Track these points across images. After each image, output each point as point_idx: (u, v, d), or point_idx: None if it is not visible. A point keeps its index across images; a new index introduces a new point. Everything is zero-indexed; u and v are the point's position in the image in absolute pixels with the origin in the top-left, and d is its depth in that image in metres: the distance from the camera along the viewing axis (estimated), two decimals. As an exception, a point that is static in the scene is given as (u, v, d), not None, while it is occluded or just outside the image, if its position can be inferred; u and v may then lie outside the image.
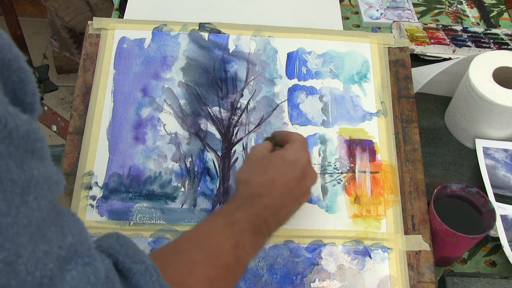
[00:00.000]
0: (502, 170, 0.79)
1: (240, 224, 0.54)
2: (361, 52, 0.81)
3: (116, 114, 0.75)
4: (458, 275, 0.67)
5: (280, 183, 0.58)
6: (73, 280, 0.34)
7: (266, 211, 0.56)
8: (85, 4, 1.84)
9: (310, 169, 0.61)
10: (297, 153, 0.61)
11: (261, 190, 0.58)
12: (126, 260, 0.43)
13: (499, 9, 1.10)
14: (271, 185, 0.58)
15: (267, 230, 0.57)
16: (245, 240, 0.53)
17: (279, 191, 0.58)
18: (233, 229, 0.53)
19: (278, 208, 0.57)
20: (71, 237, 0.36)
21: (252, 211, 0.56)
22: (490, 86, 0.79)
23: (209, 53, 0.80)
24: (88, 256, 0.36)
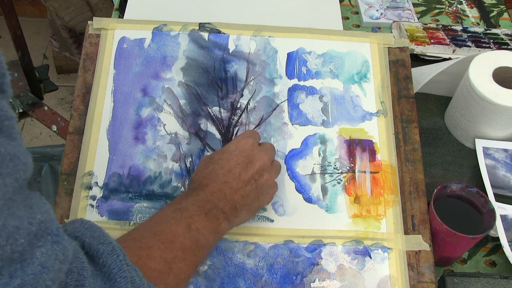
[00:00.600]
0: (502, 170, 0.79)
1: (188, 209, 0.57)
2: (361, 52, 0.81)
3: (116, 114, 0.75)
4: (458, 275, 0.67)
5: (222, 171, 0.62)
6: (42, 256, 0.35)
7: (213, 197, 0.60)
8: (85, 4, 1.84)
9: (257, 153, 0.64)
10: (238, 142, 0.64)
11: (204, 181, 0.62)
12: (92, 242, 0.44)
13: (499, 9, 1.10)
14: (213, 174, 0.62)
15: (223, 215, 0.60)
16: (198, 223, 0.57)
17: (223, 178, 0.61)
18: (182, 214, 0.57)
19: (227, 194, 0.60)
20: (40, 215, 0.36)
21: (199, 197, 0.59)
22: (490, 86, 0.79)
23: (209, 53, 0.80)
24: (57, 235, 0.37)
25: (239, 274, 0.66)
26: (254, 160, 0.63)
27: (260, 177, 0.63)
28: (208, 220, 0.58)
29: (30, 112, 1.35)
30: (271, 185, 0.65)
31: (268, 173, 0.64)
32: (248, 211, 0.63)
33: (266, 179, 0.64)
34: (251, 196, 0.63)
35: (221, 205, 0.60)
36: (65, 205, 0.69)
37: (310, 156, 0.74)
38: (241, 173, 0.62)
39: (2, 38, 2.28)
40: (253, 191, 0.63)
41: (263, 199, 0.65)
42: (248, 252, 0.67)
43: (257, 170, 0.63)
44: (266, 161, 0.64)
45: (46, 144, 1.88)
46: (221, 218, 0.59)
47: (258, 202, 0.64)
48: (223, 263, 0.66)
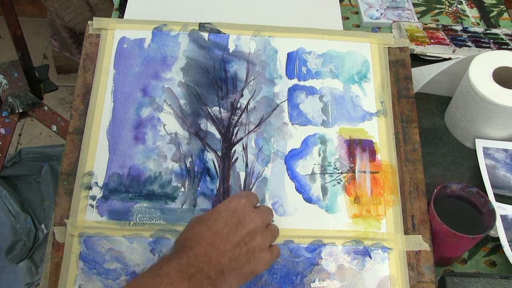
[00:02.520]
0: (502, 170, 0.79)
1: (169, 276, 0.53)
2: (361, 52, 0.81)
3: (116, 114, 0.75)
4: (458, 275, 0.67)
5: (209, 232, 0.57)
6: None
7: (198, 260, 0.55)
8: (85, 4, 1.84)
9: (249, 214, 0.60)
10: (229, 202, 0.60)
11: (188, 243, 0.57)
12: None
13: (499, 9, 1.10)
14: (199, 236, 0.57)
15: (208, 280, 0.55)
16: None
17: (209, 240, 0.57)
18: (162, 281, 0.52)
19: (213, 257, 0.56)
20: None
21: (181, 262, 0.54)
22: (490, 86, 0.79)
23: (209, 53, 0.80)
24: None
25: (239, 274, 0.66)
26: (245, 222, 0.59)
27: (251, 239, 0.58)
28: (191, 286, 0.53)
29: (30, 112, 1.35)
30: (264, 249, 0.59)
31: (261, 235, 0.59)
32: (238, 276, 0.58)
33: (258, 243, 0.59)
34: (241, 260, 0.57)
35: (206, 269, 0.55)
36: (65, 205, 0.69)
37: (310, 156, 0.74)
38: (230, 234, 0.57)
39: (2, 38, 2.28)
40: (243, 255, 0.57)
41: (256, 263, 0.59)
42: (248, 252, 0.67)
43: (248, 232, 0.58)
44: (259, 223, 0.59)
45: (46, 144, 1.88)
46: (206, 284, 0.54)
47: (250, 267, 0.58)
48: (223, 263, 0.66)
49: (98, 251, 0.66)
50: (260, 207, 0.63)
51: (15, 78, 1.33)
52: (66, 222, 0.67)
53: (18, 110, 1.32)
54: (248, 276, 0.59)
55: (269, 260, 0.60)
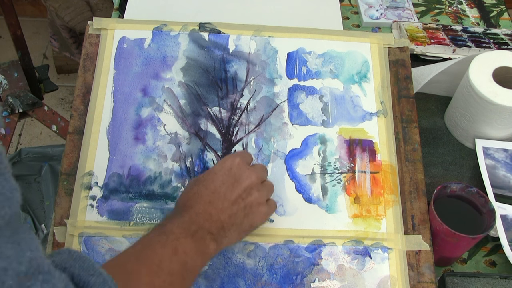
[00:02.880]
0: (502, 170, 0.79)
1: (173, 232, 0.55)
2: (361, 52, 0.81)
3: (116, 114, 0.75)
4: (458, 275, 0.67)
5: (207, 191, 0.59)
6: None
7: (199, 218, 0.57)
8: (85, 4, 1.84)
9: (244, 171, 0.62)
10: (224, 162, 0.62)
11: (188, 203, 0.59)
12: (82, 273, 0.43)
13: (499, 9, 1.10)
14: (197, 196, 0.59)
15: (210, 236, 0.57)
16: (184, 246, 0.54)
17: (207, 198, 0.59)
18: (168, 238, 0.54)
19: (213, 214, 0.58)
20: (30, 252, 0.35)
21: (184, 219, 0.57)
22: (490, 86, 0.79)
23: (209, 53, 0.80)
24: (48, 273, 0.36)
25: (239, 274, 0.66)
26: (240, 179, 0.61)
27: (248, 195, 0.61)
28: (195, 242, 0.55)
29: (30, 112, 1.35)
30: (261, 203, 0.62)
31: (257, 191, 0.62)
32: (238, 231, 0.61)
33: (255, 198, 0.61)
34: (240, 215, 0.60)
35: (207, 226, 0.57)
36: (65, 205, 0.69)
37: (310, 156, 0.74)
38: (227, 192, 0.60)
39: (2, 38, 2.28)
40: (241, 211, 0.60)
41: (254, 218, 0.62)
42: (248, 252, 0.67)
43: (244, 189, 0.61)
44: (254, 179, 0.62)
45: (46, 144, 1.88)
46: (208, 239, 0.57)
47: (249, 221, 0.61)
48: (223, 263, 0.66)
49: (98, 251, 0.66)
50: (255, 165, 0.65)
51: (15, 78, 1.33)
52: (66, 222, 0.67)
53: (18, 110, 1.32)
54: (248, 230, 0.62)
55: (267, 213, 0.63)
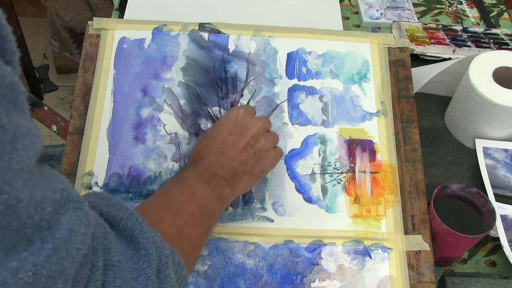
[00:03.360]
0: (502, 170, 0.79)
1: (189, 179, 0.59)
2: (361, 52, 0.81)
3: (116, 114, 0.75)
4: (458, 275, 0.67)
5: (216, 143, 0.62)
6: (67, 222, 0.36)
7: (212, 166, 0.60)
8: (85, 4, 1.84)
9: (250, 120, 0.65)
10: (229, 114, 0.65)
11: (199, 155, 0.62)
12: (110, 209, 0.45)
13: (499, 9, 1.10)
14: (208, 148, 0.62)
15: (224, 181, 0.60)
16: (202, 191, 0.58)
17: (217, 149, 0.62)
18: (185, 184, 0.58)
19: (225, 162, 0.61)
20: (60, 183, 0.37)
21: (197, 168, 0.60)
22: (490, 86, 0.79)
23: (209, 53, 0.80)
24: (78, 202, 0.38)
25: (239, 274, 0.66)
26: (247, 128, 0.64)
27: (256, 142, 0.63)
28: (211, 187, 0.58)
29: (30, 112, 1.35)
30: (269, 149, 0.65)
31: (264, 138, 0.64)
32: (250, 177, 0.63)
33: (263, 144, 0.64)
34: (250, 162, 0.63)
35: (220, 173, 0.60)
36: (65, 205, 0.69)
37: (310, 156, 0.74)
38: (236, 141, 0.62)
39: (2, 38, 2.27)
40: (251, 157, 0.63)
41: (264, 164, 0.64)
42: (248, 252, 0.67)
43: (252, 137, 0.63)
44: (260, 127, 0.64)
45: (46, 144, 1.88)
46: (223, 185, 0.60)
47: (259, 167, 0.64)
48: (223, 263, 0.66)
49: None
50: (259, 116, 0.68)
51: (15, 78, 1.33)
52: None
53: (18, 110, 1.32)
54: (259, 175, 0.65)
55: (275, 158, 0.66)
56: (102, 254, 0.40)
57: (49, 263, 0.33)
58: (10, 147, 0.32)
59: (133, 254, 0.43)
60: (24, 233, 0.33)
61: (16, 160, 0.32)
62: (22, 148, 0.33)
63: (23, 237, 0.33)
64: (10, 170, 0.32)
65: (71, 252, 0.35)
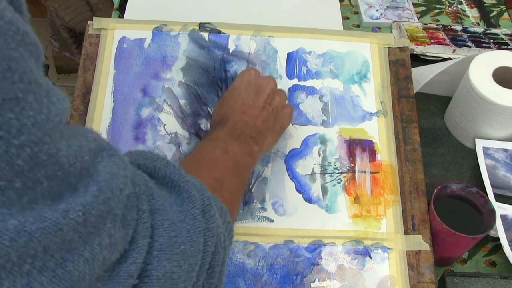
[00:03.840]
0: (502, 170, 0.79)
1: (219, 137, 0.61)
2: (361, 52, 0.81)
3: (116, 114, 0.75)
4: (458, 275, 0.67)
5: (237, 104, 0.65)
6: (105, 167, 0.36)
7: (237, 125, 0.63)
8: (85, 4, 1.84)
9: (262, 80, 0.68)
10: (241, 77, 0.68)
11: (223, 117, 0.65)
12: (147, 162, 0.46)
13: (499, 9, 1.10)
14: (230, 109, 0.65)
15: (252, 139, 0.62)
16: (233, 147, 0.60)
17: (239, 109, 0.65)
18: (216, 142, 0.60)
19: (249, 121, 0.64)
20: (90, 134, 0.38)
21: (224, 129, 0.62)
22: (490, 86, 0.79)
23: (209, 53, 0.80)
24: (110, 149, 0.38)
25: (239, 274, 0.66)
26: (262, 87, 0.67)
27: (272, 100, 0.67)
28: (241, 145, 0.60)
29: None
30: (285, 105, 0.69)
31: (279, 95, 0.68)
32: (273, 134, 0.67)
33: (278, 101, 0.67)
34: (271, 119, 0.66)
35: (247, 131, 0.62)
36: (65, 205, 0.69)
37: (310, 156, 0.74)
38: (254, 101, 0.65)
39: (2, 38, 2.27)
40: (271, 114, 0.66)
41: (283, 119, 0.68)
42: (248, 252, 0.67)
43: (268, 95, 0.66)
44: (273, 85, 0.68)
45: (46, 144, 1.87)
46: (251, 142, 0.62)
47: (279, 124, 0.67)
48: (223, 263, 0.66)
49: (98, 251, 0.66)
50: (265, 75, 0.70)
51: (15, 78, 1.33)
52: None
53: (18, 110, 1.32)
54: (279, 132, 0.69)
55: (290, 113, 0.70)
56: (146, 200, 0.41)
57: (96, 203, 0.34)
58: (47, 101, 0.33)
59: (176, 199, 0.44)
60: (68, 182, 0.34)
61: (54, 112, 0.33)
62: (57, 101, 0.34)
63: (69, 186, 0.34)
64: (50, 121, 0.32)
65: (116, 193, 0.36)
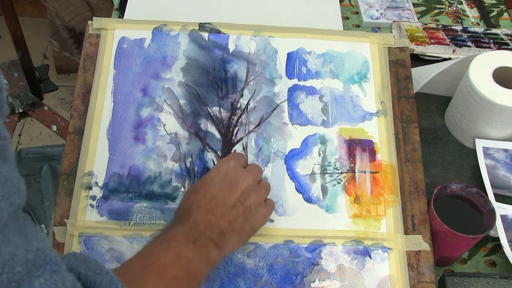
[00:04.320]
0: (502, 170, 0.79)
1: (175, 239, 0.55)
2: (361, 52, 0.81)
3: (116, 114, 0.75)
4: (458, 275, 0.67)
5: (205, 199, 0.59)
6: (41, 286, 0.33)
7: (199, 226, 0.57)
8: (85, 4, 1.84)
9: (240, 174, 0.62)
10: (219, 167, 0.62)
11: (187, 212, 0.59)
12: (88, 273, 0.43)
13: (499, 9, 1.10)
14: (196, 204, 0.59)
15: (212, 243, 0.57)
16: (187, 252, 0.54)
17: (205, 206, 0.59)
18: (169, 244, 0.54)
19: (213, 221, 0.58)
20: (37, 242, 0.34)
21: (184, 227, 0.57)
22: (490, 86, 0.79)
23: (209, 53, 0.80)
24: (55, 264, 0.35)
25: (239, 274, 0.66)
26: (237, 183, 0.61)
27: (246, 199, 0.61)
28: (197, 249, 0.55)
29: (30, 112, 1.35)
30: (260, 204, 0.62)
31: (255, 193, 0.62)
32: (240, 236, 0.61)
33: (253, 200, 0.61)
34: (239, 220, 0.60)
35: (208, 233, 0.57)
36: (65, 205, 0.69)
37: (310, 156, 0.74)
38: (225, 198, 0.60)
39: (2, 38, 2.28)
40: (241, 215, 0.60)
41: (254, 220, 0.62)
42: (248, 252, 0.67)
43: (242, 192, 0.61)
44: (250, 181, 0.62)
45: (46, 144, 1.88)
46: (210, 246, 0.56)
47: (249, 225, 0.61)
48: (223, 263, 0.66)
49: (98, 251, 0.66)
50: (249, 166, 0.65)
51: (15, 78, 1.33)
52: (66, 222, 0.67)
53: (18, 110, 1.32)
54: (249, 233, 0.62)
55: (266, 214, 0.63)
56: None
57: None
58: None
59: None
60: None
61: None
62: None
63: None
64: None
65: None
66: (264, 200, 0.63)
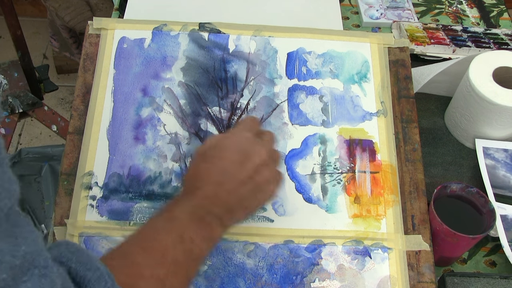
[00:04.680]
0: (502, 170, 0.79)
1: (180, 218, 0.53)
2: (361, 52, 0.81)
3: (116, 114, 0.75)
4: (458, 275, 0.67)
5: (216, 170, 0.57)
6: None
7: (206, 201, 0.55)
8: (85, 4, 1.84)
9: (255, 146, 0.59)
10: (233, 136, 0.60)
11: (197, 183, 0.57)
12: (79, 267, 0.42)
13: (499, 9, 1.10)
14: (206, 175, 0.57)
15: (217, 220, 0.55)
16: (191, 233, 0.52)
17: (216, 178, 0.56)
18: (173, 224, 0.53)
19: (222, 196, 0.56)
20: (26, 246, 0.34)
21: (191, 203, 0.55)
22: (490, 86, 0.79)
23: (209, 53, 0.80)
24: (45, 267, 0.35)
25: (239, 274, 0.66)
26: (251, 157, 0.57)
27: (258, 175, 0.57)
28: (201, 228, 0.53)
29: (30, 112, 1.35)
30: (271, 181, 0.59)
31: (267, 169, 0.58)
32: (246, 212, 0.59)
33: (265, 177, 0.58)
34: (248, 197, 0.57)
35: (215, 210, 0.55)
36: (65, 205, 0.69)
37: (310, 156, 0.74)
38: (237, 172, 0.57)
39: (2, 38, 2.28)
40: (250, 191, 0.57)
41: (262, 197, 0.59)
42: (248, 252, 0.67)
43: (254, 168, 0.57)
44: (264, 156, 0.58)
45: (46, 144, 1.88)
46: (215, 224, 0.55)
47: (257, 202, 0.59)
48: (223, 263, 0.66)
49: (98, 251, 0.66)
50: (263, 135, 0.62)
51: (15, 78, 1.33)
52: (66, 222, 0.67)
53: (18, 110, 1.32)
54: (254, 210, 0.60)
55: (274, 191, 0.60)
56: None
57: None
58: None
59: None
60: None
61: None
62: None
63: None
64: None
65: None
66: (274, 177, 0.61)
